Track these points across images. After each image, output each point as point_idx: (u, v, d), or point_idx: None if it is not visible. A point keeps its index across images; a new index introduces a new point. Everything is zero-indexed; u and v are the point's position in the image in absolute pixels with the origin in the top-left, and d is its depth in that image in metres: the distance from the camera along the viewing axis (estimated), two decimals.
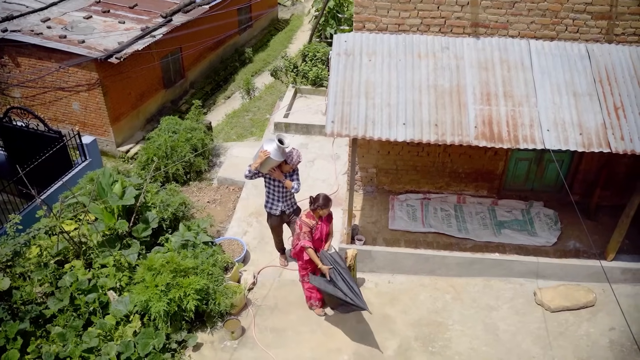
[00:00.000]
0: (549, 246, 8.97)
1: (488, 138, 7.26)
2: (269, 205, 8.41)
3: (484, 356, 7.77)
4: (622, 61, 7.88)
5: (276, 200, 8.32)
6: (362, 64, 7.86)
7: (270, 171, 7.93)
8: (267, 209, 8.46)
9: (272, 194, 8.30)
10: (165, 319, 7.72)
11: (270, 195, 8.33)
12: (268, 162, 7.69)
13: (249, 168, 7.87)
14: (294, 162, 7.88)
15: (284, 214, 8.42)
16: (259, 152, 7.73)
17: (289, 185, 8.08)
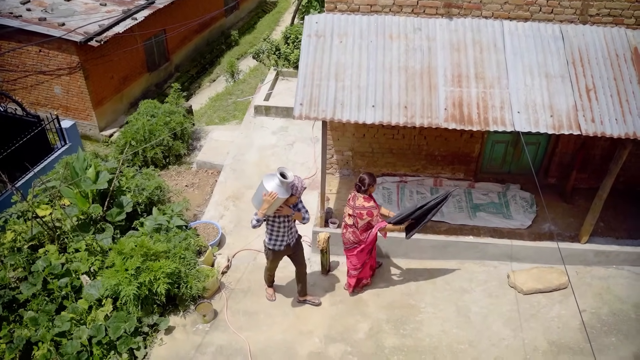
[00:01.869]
0: (523, 229, 8.97)
1: (458, 120, 7.20)
2: (272, 243, 7.39)
3: (455, 338, 7.78)
4: (595, 42, 7.81)
5: (281, 236, 7.32)
6: (332, 46, 7.78)
7: (277, 210, 6.92)
8: (271, 246, 7.43)
9: (278, 231, 7.27)
10: (136, 302, 7.71)
11: (274, 233, 7.30)
12: (276, 203, 6.71)
13: (256, 217, 6.86)
14: (299, 192, 6.94)
15: (288, 247, 7.50)
16: (261, 195, 6.68)
17: (300, 217, 7.27)
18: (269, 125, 12.37)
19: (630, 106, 7.29)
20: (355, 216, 7.56)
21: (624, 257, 8.73)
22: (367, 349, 7.64)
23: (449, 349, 7.65)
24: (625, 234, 9.00)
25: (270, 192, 6.54)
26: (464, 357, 7.55)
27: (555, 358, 7.54)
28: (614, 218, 9.27)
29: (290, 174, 6.67)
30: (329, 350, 7.63)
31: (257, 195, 6.82)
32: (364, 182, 7.42)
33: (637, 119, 7.20)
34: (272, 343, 7.74)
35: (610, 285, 8.57)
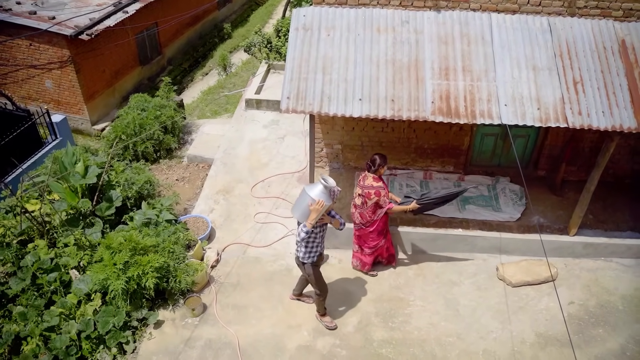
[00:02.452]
0: (512, 221, 8.99)
1: (445, 113, 7.20)
2: (309, 255, 7.00)
3: (443, 331, 7.81)
4: (583, 35, 7.80)
5: (316, 246, 6.98)
6: (320, 39, 7.75)
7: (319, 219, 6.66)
8: (310, 260, 7.04)
9: (314, 241, 6.91)
10: (124, 297, 7.71)
11: (311, 244, 6.92)
12: (321, 211, 6.48)
13: (305, 230, 6.52)
14: (336, 197, 6.75)
15: (320, 255, 7.19)
16: (305, 206, 6.41)
17: (337, 224, 7.01)
18: (260, 118, 12.35)
19: (617, 99, 7.29)
20: (363, 196, 7.64)
21: (612, 249, 8.76)
22: (356, 342, 7.66)
23: (437, 341, 7.67)
24: (614, 226, 9.03)
25: (319, 201, 6.31)
26: (452, 349, 7.57)
27: (542, 350, 7.57)
28: (603, 210, 9.29)
29: (331, 180, 6.48)
30: (318, 344, 7.65)
31: (299, 206, 6.49)
32: (374, 161, 7.54)
33: (623, 112, 7.20)
34: (261, 337, 7.75)
35: (598, 277, 8.60)
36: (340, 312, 8.07)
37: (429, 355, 7.49)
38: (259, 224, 9.63)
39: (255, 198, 10.20)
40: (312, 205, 6.34)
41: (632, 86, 7.37)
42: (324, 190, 6.38)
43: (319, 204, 6.32)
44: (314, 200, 6.32)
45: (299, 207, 6.50)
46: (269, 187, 10.45)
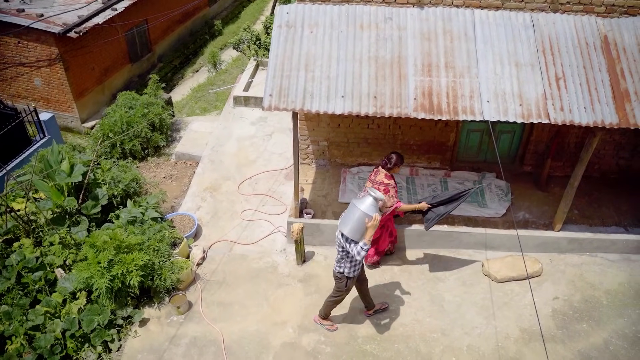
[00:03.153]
0: (498, 217, 9.00)
1: (427, 110, 7.20)
2: (354, 269, 6.79)
3: (428, 327, 7.83)
4: (566, 31, 7.81)
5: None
6: (303, 36, 7.74)
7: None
8: (352, 274, 6.82)
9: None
10: (109, 295, 7.72)
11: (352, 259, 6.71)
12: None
13: (367, 247, 6.19)
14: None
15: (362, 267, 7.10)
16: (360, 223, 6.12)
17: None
18: (248, 115, 12.34)
19: (599, 94, 7.30)
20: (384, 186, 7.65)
21: (597, 244, 8.79)
22: (340, 339, 7.68)
23: (422, 337, 7.69)
24: (599, 221, 9.06)
25: (375, 217, 6.08)
26: (436, 345, 7.60)
27: (526, 345, 7.60)
28: (589, 206, 9.33)
29: (378, 192, 6.33)
30: (303, 340, 7.66)
31: (349, 221, 6.20)
32: (390, 159, 7.64)
33: (605, 108, 7.22)
34: (246, 334, 7.76)
35: (583, 272, 8.63)
36: None
37: (413, 351, 7.51)
38: (246, 221, 9.63)
39: (242, 195, 10.20)
40: (369, 222, 6.08)
41: (614, 82, 7.39)
42: (374, 204, 6.18)
43: (376, 220, 6.10)
44: (370, 216, 6.09)
45: (350, 222, 6.19)
46: (256, 185, 10.45)
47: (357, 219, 6.12)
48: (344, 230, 6.23)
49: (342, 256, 6.66)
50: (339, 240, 6.55)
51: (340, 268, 6.79)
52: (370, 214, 6.07)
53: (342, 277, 6.87)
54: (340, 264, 6.75)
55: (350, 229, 6.16)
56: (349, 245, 6.33)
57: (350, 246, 6.30)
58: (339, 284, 7.01)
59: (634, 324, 7.88)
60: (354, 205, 6.18)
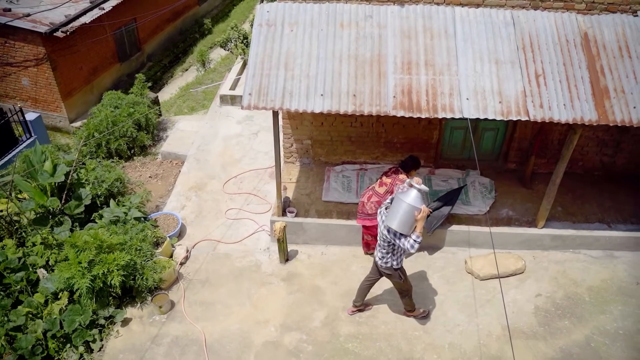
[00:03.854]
0: (481, 215, 9.00)
1: (406, 108, 7.19)
2: (402, 259, 6.93)
3: (410, 325, 7.83)
4: (546, 28, 7.80)
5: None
6: (283, 35, 7.72)
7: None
8: (400, 264, 6.95)
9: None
10: (90, 295, 7.70)
11: (401, 250, 6.80)
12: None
13: (419, 240, 6.28)
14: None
15: None
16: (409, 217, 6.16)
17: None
18: (234, 114, 12.33)
19: (579, 91, 7.30)
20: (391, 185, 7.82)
21: (580, 241, 8.81)
22: (322, 337, 7.68)
23: (404, 335, 7.70)
24: (583, 218, 9.07)
25: (423, 208, 6.13)
26: (417, 343, 7.60)
27: (508, 343, 7.59)
28: (572, 202, 9.33)
29: (422, 185, 6.28)
30: (284, 339, 7.66)
31: (396, 215, 6.22)
32: (407, 163, 7.86)
33: (584, 104, 7.21)
34: (227, 333, 7.76)
35: (566, 269, 8.64)
36: (308, 307, 8.08)
37: (394, 349, 7.51)
38: (230, 220, 9.62)
39: (227, 194, 10.19)
40: (419, 215, 6.13)
41: (594, 78, 7.39)
42: (419, 196, 6.20)
43: (425, 212, 6.15)
44: (419, 209, 6.12)
45: (398, 216, 6.21)
46: (241, 183, 10.44)
47: (405, 213, 6.16)
48: (392, 225, 6.27)
49: (388, 251, 6.74)
50: (384, 236, 6.59)
51: (387, 263, 6.87)
52: (418, 206, 6.13)
53: (392, 272, 6.98)
54: (387, 259, 6.83)
55: (399, 223, 6.22)
56: (398, 239, 6.39)
57: (401, 240, 6.36)
58: (393, 279, 7.15)
59: (615, 320, 7.89)
60: (399, 199, 6.21)
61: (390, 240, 6.55)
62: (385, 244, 6.70)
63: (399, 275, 7.04)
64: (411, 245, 6.27)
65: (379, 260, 6.94)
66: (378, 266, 7.06)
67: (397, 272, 6.99)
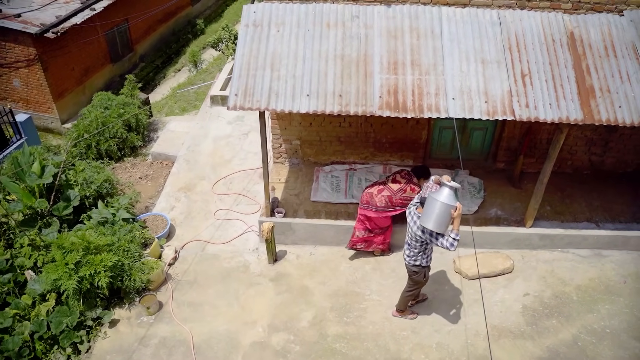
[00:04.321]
0: (470, 214, 9.00)
1: (392, 108, 7.19)
2: (429, 259, 7.01)
3: (398, 325, 7.83)
4: (532, 27, 7.81)
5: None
6: (269, 35, 7.72)
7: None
8: (428, 262, 7.02)
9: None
10: (77, 296, 7.69)
11: (430, 249, 6.92)
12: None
13: (458, 238, 6.24)
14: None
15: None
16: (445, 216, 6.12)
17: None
18: (225, 115, 12.32)
19: (565, 91, 7.31)
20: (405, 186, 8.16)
21: (568, 240, 8.82)
22: (310, 338, 7.68)
23: (392, 335, 7.70)
24: (571, 217, 9.08)
25: (458, 206, 6.12)
26: (405, 343, 7.60)
27: (496, 342, 7.61)
28: (561, 202, 9.34)
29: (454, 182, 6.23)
30: (272, 340, 7.66)
31: (431, 215, 6.15)
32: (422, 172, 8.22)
33: (570, 104, 7.23)
34: (215, 334, 7.76)
35: (554, 269, 8.65)
36: (296, 307, 8.08)
37: (382, 350, 7.51)
38: (219, 220, 9.62)
39: (217, 195, 10.18)
40: (455, 212, 6.11)
41: (580, 78, 7.40)
42: (452, 193, 6.15)
43: (460, 208, 6.14)
44: (454, 206, 6.10)
45: (433, 216, 6.14)
46: (230, 184, 10.43)
47: (440, 212, 6.11)
48: (427, 225, 6.22)
49: (420, 250, 6.79)
50: (417, 237, 6.60)
51: (416, 261, 6.91)
52: (453, 204, 6.10)
53: (419, 270, 7.03)
54: (417, 257, 6.87)
55: (435, 223, 6.17)
56: (435, 239, 6.38)
57: (439, 240, 6.34)
58: (416, 277, 7.15)
59: (602, 319, 7.90)
60: (432, 199, 6.15)
61: (424, 241, 6.56)
62: (418, 244, 6.71)
63: (423, 274, 7.11)
64: (450, 243, 6.24)
65: (407, 258, 6.98)
66: (406, 266, 7.10)
67: (423, 270, 7.05)
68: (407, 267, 7.13)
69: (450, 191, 6.15)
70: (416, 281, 7.26)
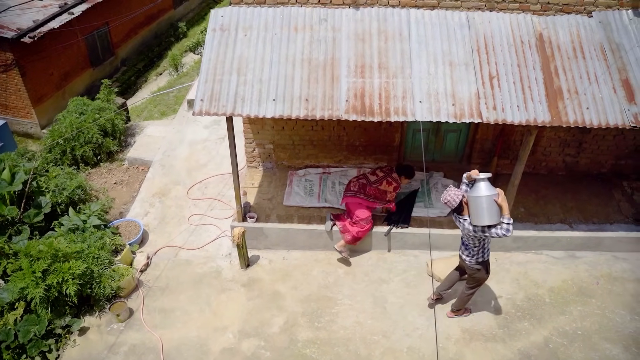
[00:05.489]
0: (443, 217, 8.97)
1: (359, 111, 7.15)
2: (489, 254, 7.05)
3: (369, 329, 7.79)
4: (501, 29, 7.80)
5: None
6: (237, 39, 7.67)
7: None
8: (488, 256, 7.03)
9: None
10: (45, 305, 7.61)
11: (488, 242, 6.91)
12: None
13: (511, 222, 6.33)
14: None
15: None
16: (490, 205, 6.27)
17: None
18: (201, 119, 12.25)
19: (532, 93, 7.29)
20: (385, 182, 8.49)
21: (541, 242, 8.81)
22: (280, 343, 7.63)
23: (363, 340, 7.66)
24: (545, 218, 9.06)
25: (499, 190, 6.38)
26: (376, 348, 7.56)
27: (467, 345, 7.58)
28: (535, 203, 9.32)
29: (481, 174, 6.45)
30: (242, 346, 7.60)
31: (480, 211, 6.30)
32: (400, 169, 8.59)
33: (538, 106, 7.21)
34: (185, 340, 7.69)
35: (527, 271, 8.63)
36: (267, 312, 8.03)
37: (352, 355, 7.47)
38: (193, 226, 9.56)
39: (191, 200, 10.12)
40: (499, 198, 6.30)
41: (548, 80, 7.39)
42: (487, 183, 6.38)
43: (502, 193, 6.35)
44: (495, 194, 6.31)
45: (483, 212, 6.31)
46: (205, 189, 10.37)
47: (488, 205, 6.28)
48: (483, 223, 6.33)
49: (479, 248, 6.82)
50: (472, 237, 6.66)
51: (477, 259, 6.95)
52: (494, 192, 6.29)
53: (481, 267, 7.04)
54: (477, 255, 6.91)
55: (488, 217, 6.31)
56: (489, 232, 6.41)
57: (491, 231, 6.39)
58: (478, 275, 7.16)
59: (574, 320, 7.89)
60: (474, 198, 6.33)
61: (480, 237, 6.61)
62: (476, 241, 6.73)
63: (485, 270, 7.12)
64: (506, 229, 6.31)
65: (468, 259, 7.02)
66: (467, 267, 7.14)
67: (484, 265, 7.05)
68: (468, 268, 7.15)
69: (485, 183, 6.36)
70: (477, 279, 7.25)
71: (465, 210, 6.60)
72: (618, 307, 8.07)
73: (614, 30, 7.77)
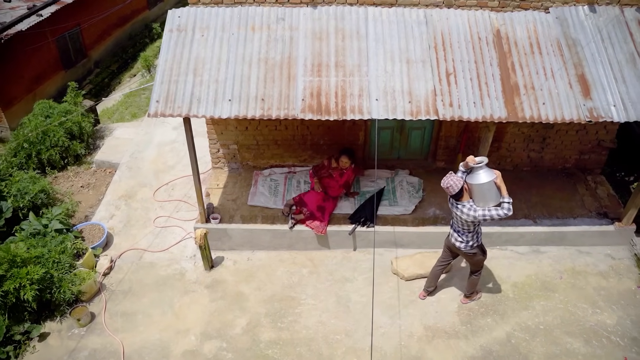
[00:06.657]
0: (407, 214, 8.97)
1: (315, 110, 7.12)
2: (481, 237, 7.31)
3: (332, 329, 7.77)
4: (459, 25, 7.80)
5: None
6: (193, 40, 7.62)
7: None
8: (480, 239, 7.28)
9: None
10: (3, 311, 7.52)
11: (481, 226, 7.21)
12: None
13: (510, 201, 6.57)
14: None
15: None
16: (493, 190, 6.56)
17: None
18: (170, 120, 12.18)
19: (489, 89, 7.30)
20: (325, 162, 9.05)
21: (506, 237, 8.84)
22: (243, 344, 7.59)
23: (325, 339, 7.64)
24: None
25: (496, 172, 6.62)
26: (338, 347, 7.54)
27: (429, 343, 7.58)
28: None
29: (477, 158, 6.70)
30: (204, 348, 7.56)
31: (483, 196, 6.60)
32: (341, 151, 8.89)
33: (495, 102, 7.22)
34: (147, 344, 7.63)
35: (492, 266, 8.64)
36: (230, 314, 7.99)
37: (315, 354, 7.45)
38: (158, 228, 9.48)
39: (158, 202, 10.04)
40: (498, 179, 6.55)
41: (505, 76, 7.40)
42: (485, 168, 6.60)
43: (499, 175, 6.59)
44: (494, 176, 6.54)
45: (487, 198, 6.60)
46: (172, 190, 10.30)
47: (489, 190, 6.55)
48: (487, 205, 6.61)
49: (473, 234, 7.05)
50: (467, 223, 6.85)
51: (472, 244, 7.14)
52: (493, 176, 6.53)
53: (477, 250, 7.26)
54: (470, 240, 7.10)
55: (493, 199, 6.58)
56: (490, 217, 6.60)
57: (492, 213, 6.57)
58: (477, 257, 7.37)
59: (537, 315, 7.92)
60: (477, 185, 6.56)
61: (472, 221, 6.76)
62: (471, 226, 6.92)
63: (481, 251, 7.33)
64: (508, 209, 6.52)
65: (463, 247, 7.17)
66: (463, 252, 7.27)
67: (479, 248, 7.26)
68: (464, 254, 7.35)
69: (484, 168, 6.58)
70: (477, 261, 7.45)
71: (465, 196, 6.74)
72: (580, 301, 8.11)
73: (570, 26, 7.80)
